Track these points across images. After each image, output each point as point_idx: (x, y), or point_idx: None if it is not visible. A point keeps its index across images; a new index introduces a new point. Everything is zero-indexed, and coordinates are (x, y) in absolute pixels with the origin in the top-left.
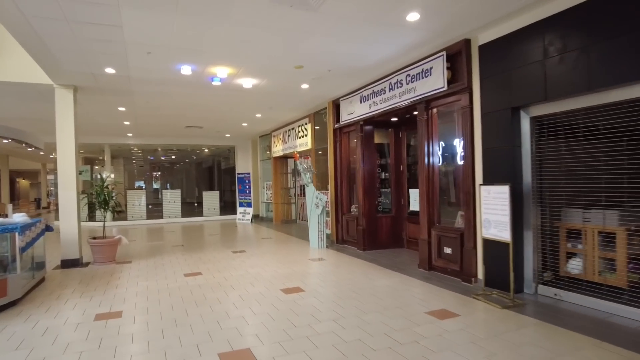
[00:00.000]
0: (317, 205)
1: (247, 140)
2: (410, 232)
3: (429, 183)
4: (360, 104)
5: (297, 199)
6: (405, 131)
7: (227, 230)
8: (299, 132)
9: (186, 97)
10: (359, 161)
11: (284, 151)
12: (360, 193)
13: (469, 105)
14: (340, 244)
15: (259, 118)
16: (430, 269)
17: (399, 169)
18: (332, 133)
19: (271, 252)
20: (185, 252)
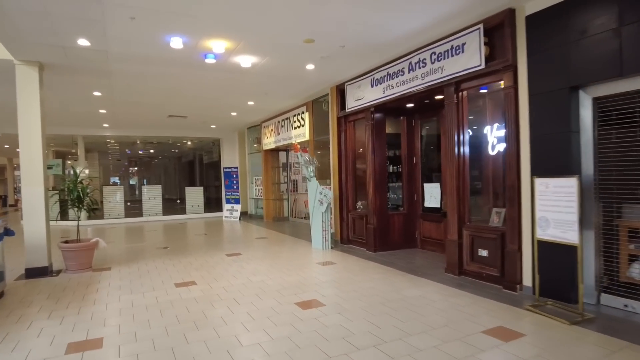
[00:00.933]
0: (321, 202)
1: (234, 132)
2: (424, 231)
3: (460, 176)
4: (372, 88)
5: (289, 195)
6: (419, 119)
7: (214, 229)
8: (295, 122)
9: (173, 80)
10: (368, 153)
11: (277, 143)
12: (370, 188)
13: (513, 86)
14: (346, 244)
15: (251, 106)
16: (461, 273)
17: (411, 162)
18: (335, 122)
19: (271, 254)
20: (172, 256)
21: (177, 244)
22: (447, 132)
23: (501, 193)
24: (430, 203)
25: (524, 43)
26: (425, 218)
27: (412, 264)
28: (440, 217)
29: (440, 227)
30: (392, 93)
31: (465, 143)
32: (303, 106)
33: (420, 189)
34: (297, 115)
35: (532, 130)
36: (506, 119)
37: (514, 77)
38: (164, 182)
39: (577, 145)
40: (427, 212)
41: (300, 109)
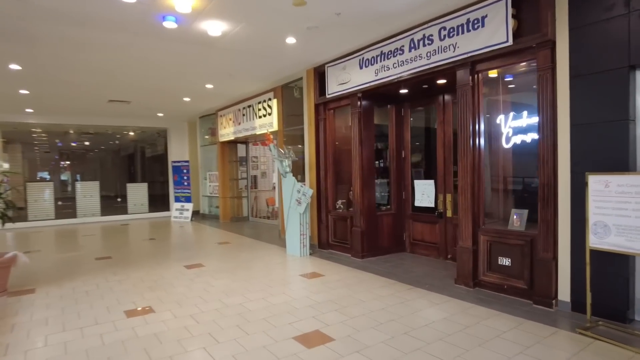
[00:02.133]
0: (299, 202)
1: (183, 121)
2: (415, 233)
3: (475, 172)
4: (361, 70)
5: (249, 192)
6: (409, 108)
7: (163, 232)
8: (260, 110)
9: (119, 52)
10: (354, 145)
11: (237, 134)
12: (357, 186)
13: (550, 65)
14: (325, 250)
15: (209, 91)
16: (476, 285)
17: (400, 156)
18: (312, 110)
19: (241, 265)
20: (117, 269)
21: (122, 252)
22: (461, 121)
23: (521, 191)
24: (423, 202)
25: (565, 14)
26: (416, 219)
27: (413, 273)
28: (435, 218)
29: (435, 229)
30: (387, 76)
31: (481, 134)
32: (270, 92)
33: (410, 187)
34: (263, 103)
35: (574, 119)
36: (539, 106)
37: (552, 56)
38: (102, 178)
39: (634, 137)
40: (418, 212)
41: (267, 95)
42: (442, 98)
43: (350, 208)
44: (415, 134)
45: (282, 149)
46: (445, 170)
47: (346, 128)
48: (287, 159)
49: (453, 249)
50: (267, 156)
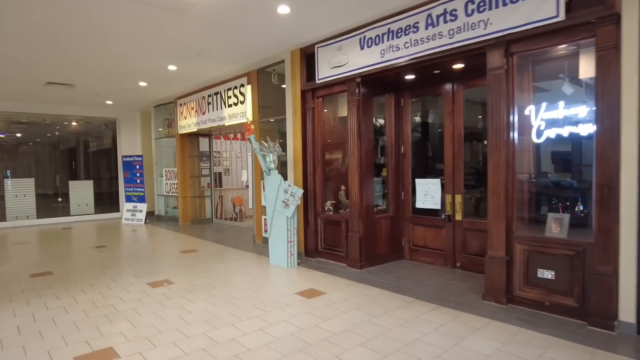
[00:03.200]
0: (286, 204)
1: (135, 111)
2: (416, 238)
3: (509, 171)
4: (362, 51)
5: (213, 191)
6: (409, 97)
7: (115, 237)
8: (230, 98)
9: (62, 17)
10: (352, 138)
11: (201, 125)
12: (354, 184)
13: (613, 44)
14: (313, 258)
15: (171, 74)
16: (510, 301)
17: (398, 152)
18: (297, 97)
19: (218, 280)
20: (60, 290)
21: (65, 265)
22: (492, 111)
23: (555, 192)
24: (426, 203)
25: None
26: (417, 222)
27: (426, 287)
28: (440, 221)
29: (440, 234)
30: (396, 57)
31: (515, 126)
32: (243, 77)
33: (411, 186)
34: (235, 90)
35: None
36: (598, 93)
37: (617, 32)
38: (38, 175)
39: None
40: (419, 215)
41: (239, 81)
42: (452, 86)
43: (340, 210)
44: (416, 127)
45: (266, 142)
46: (455, 168)
47: (335, 119)
48: (272, 154)
49: (462, 256)
50: (234, 151)
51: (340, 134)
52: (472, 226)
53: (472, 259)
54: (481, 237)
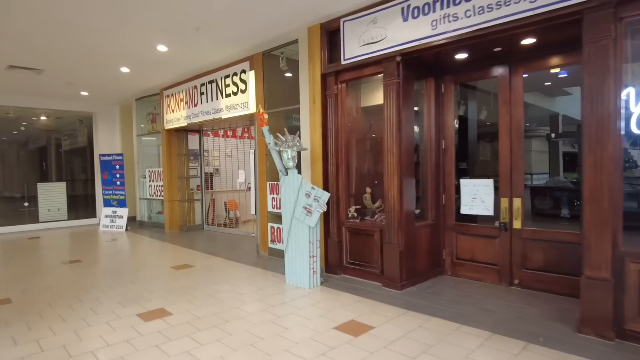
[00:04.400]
0: (308, 211)
1: (114, 104)
2: (461, 249)
3: (615, 169)
4: (405, 23)
5: (204, 194)
6: (452, 82)
7: (92, 248)
8: (228, 87)
9: None
10: (390, 130)
11: (191, 119)
12: (393, 187)
13: None
14: (336, 274)
15: (159, 56)
16: (620, 336)
17: (438, 147)
18: (317, 82)
19: (229, 310)
20: (19, 329)
21: (29, 288)
22: (590, 93)
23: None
24: (474, 209)
25: None
26: (462, 230)
27: (495, 314)
28: (493, 230)
29: (493, 245)
30: (454, 30)
31: (619, 113)
32: (245, 61)
33: (454, 188)
34: (234, 76)
35: None
36: None
37: None
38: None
39: None
40: (464, 222)
41: (239, 66)
42: (508, 69)
43: (366, 217)
44: (463, 118)
45: (283, 135)
46: (513, 166)
47: (358, 110)
48: (290, 149)
49: (522, 271)
50: (228, 148)
51: (363, 126)
52: (535, 236)
53: (535, 276)
54: (547, 249)
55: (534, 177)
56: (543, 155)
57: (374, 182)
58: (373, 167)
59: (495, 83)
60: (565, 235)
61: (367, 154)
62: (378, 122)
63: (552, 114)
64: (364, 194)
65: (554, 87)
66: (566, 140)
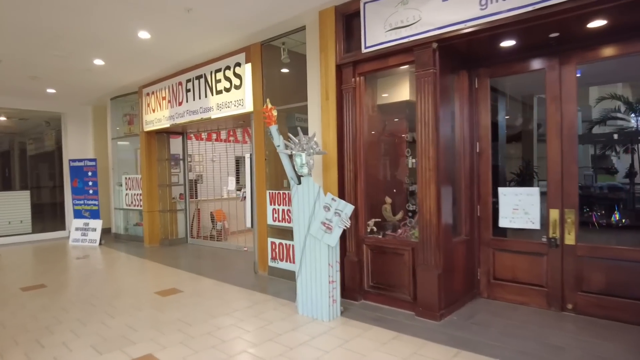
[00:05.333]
0: (328, 227)
1: (86, 104)
2: (500, 268)
3: None
4: (445, 3)
5: (188, 204)
6: (487, 76)
7: (60, 267)
8: (220, 82)
9: None
10: (424, 130)
11: (175, 120)
12: (429, 197)
13: None
14: (356, 300)
15: (140, 45)
16: None
17: (472, 151)
18: (332, 74)
19: (237, 357)
20: None
21: None
22: None
23: None
24: (515, 221)
25: None
26: (501, 246)
27: (567, 353)
28: (540, 246)
29: (540, 264)
30: (510, 9)
31: None
32: (240, 53)
33: (491, 197)
34: (226, 71)
35: None
36: None
37: None
38: None
39: None
40: (503, 237)
41: (233, 59)
42: (558, 60)
43: (387, 231)
44: (508, 116)
45: (296, 137)
46: (564, 173)
47: (374, 107)
48: (303, 153)
49: (577, 295)
50: (216, 153)
51: (379, 126)
52: (594, 253)
53: (594, 300)
54: (610, 269)
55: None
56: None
57: (392, 190)
58: (391, 173)
59: (536, 77)
60: (635, 253)
61: (383, 158)
62: (394, 122)
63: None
64: (382, 204)
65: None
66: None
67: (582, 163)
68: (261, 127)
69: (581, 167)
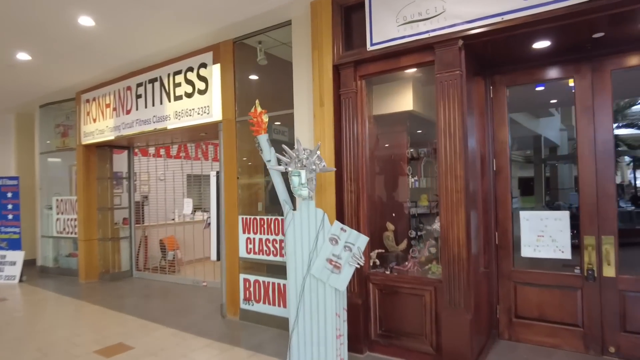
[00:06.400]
0: (335, 265)
1: (8, 112)
2: (524, 304)
3: None
4: None
5: (133, 230)
6: (504, 84)
7: None
8: (179, 86)
9: None
10: (449, 143)
11: (121, 131)
12: (457, 224)
13: None
14: (360, 353)
15: (80, 35)
16: None
17: (487, 168)
18: (328, 77)
19: None
20: None
21: None
22: None
23: None
24: (541, 250)
25: None
26: (524, 279)
27: None
28: (573, 279)
29: (572, 299)
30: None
31: None
32: (206, 52)
33: (511, 222)
34: (187, 73)
35: None
36: None
37: None
38: None
39: None
40: (526, 268)
41: (196, 59)
42: (590, 66)
43: (391, 264)
44: (519, 131)
45: (292, 149)
46: (600, 195)
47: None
48: (305, 170)
49: (621, 335)
50: (171, 170)
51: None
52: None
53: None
54: None
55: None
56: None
57: (391, 214)
58: (389, 194)
59: (553, 87)
60: None
61: (380, 177)
62: (393, 135)
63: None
64: (383, 231)
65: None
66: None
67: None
68: (232, 139)
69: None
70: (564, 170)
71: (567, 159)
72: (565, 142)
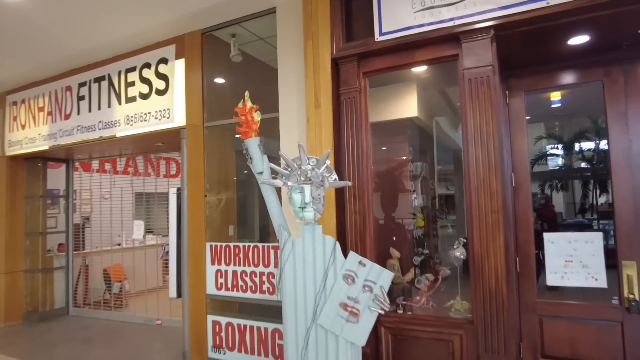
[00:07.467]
0: (351, 312)
1: None
2: (550, 340)
3: None
4: None
5: (71, 258)
6: (521, 89)
7: None
8: (132, 86)
9: None
10: (484, 153)
11: (57, 139)
12: (497, 250)
13: None
14: None
15: (8, 17)
16: None
17: (506, 185)
18: (326, 73)
19: None
20: None
21: None
22: None
23: None
24: (570, 278)
25: None
26: (552, 312)
27: None
28: (612, 311)
29: (610, 334)
30: None
31: None
32: (167, 45)
33: (533, 247)
34: (143, 70)
35: None
36: None
37: None
38: None
39: None
40: (553, 299)
41: (154, 54)
42: (621, 68)
43: (400, 299)
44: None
45: (293, 159)
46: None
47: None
48: (311, 186)
49: None
50: (119, 187)
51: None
52: None
53: None
54: None
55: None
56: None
57: (392, 238)
58: (388, 215)
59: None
60: None
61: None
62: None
63: None
64: (386, 258)
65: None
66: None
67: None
68: (198, 148)
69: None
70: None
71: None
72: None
